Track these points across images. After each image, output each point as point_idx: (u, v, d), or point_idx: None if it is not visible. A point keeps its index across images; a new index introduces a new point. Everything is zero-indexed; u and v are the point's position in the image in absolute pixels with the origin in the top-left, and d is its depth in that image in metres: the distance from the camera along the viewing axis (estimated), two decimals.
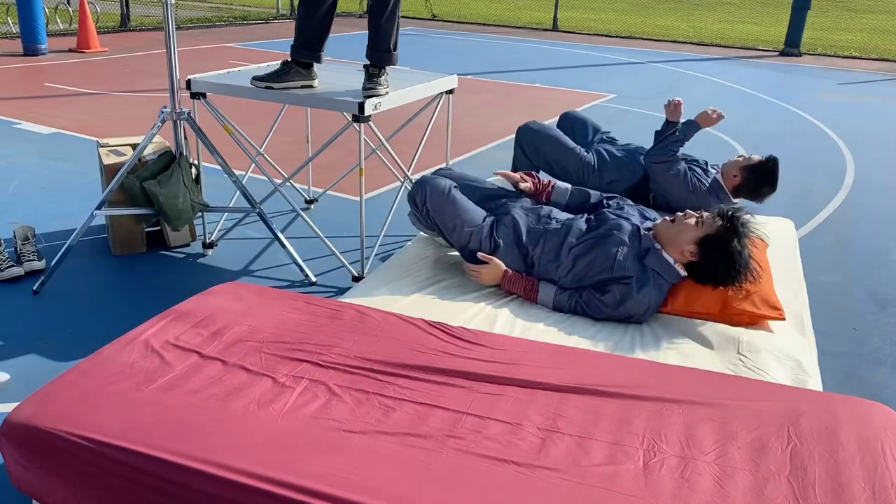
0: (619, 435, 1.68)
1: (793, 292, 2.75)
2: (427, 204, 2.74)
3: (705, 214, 2.49)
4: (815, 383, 2.13)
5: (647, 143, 3.59)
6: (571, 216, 2.74)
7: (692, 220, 2.48)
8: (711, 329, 2.37)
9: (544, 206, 2.79)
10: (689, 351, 2.27)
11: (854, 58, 11.96)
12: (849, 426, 1.72)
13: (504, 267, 2.63)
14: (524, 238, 2.66)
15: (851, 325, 3.28)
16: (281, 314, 2.19)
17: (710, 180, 3.33)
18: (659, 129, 3.49)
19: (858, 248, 4.16)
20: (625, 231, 2.57)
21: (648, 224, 2.64)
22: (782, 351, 2.25)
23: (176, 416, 1.68)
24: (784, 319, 2.41)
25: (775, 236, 3.22)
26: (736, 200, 3.32)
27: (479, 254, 2.65)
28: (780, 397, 1.85)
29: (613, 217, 2.65)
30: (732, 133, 6.59)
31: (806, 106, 7.99)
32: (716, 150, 6.06)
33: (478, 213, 2.74)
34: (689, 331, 2.38)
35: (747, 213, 2.45)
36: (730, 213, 2.43)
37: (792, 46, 11.95)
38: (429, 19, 15.66)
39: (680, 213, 2.54)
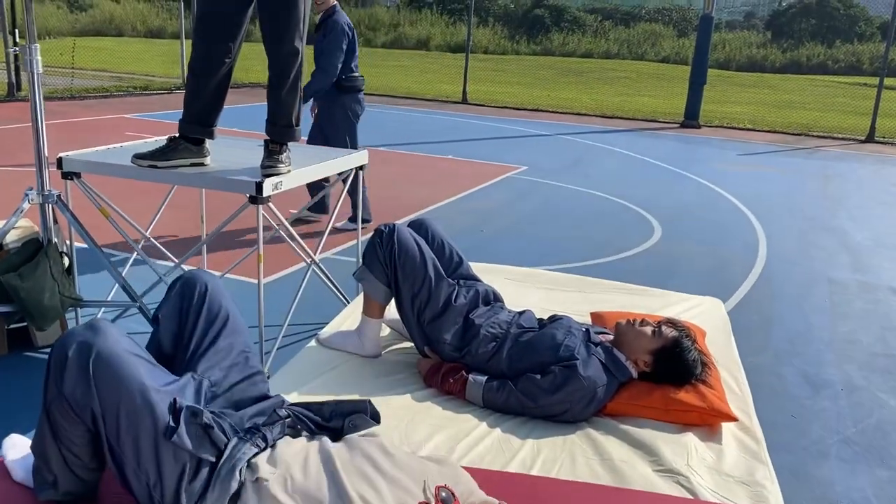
0: None
1: (734, 381, 2.55)
2: (395, 240, 2.43)
3: (662, 326, 2.31)
4: (775, 499, 1.89)
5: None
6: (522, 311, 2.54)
7: (648, 329, 2.29)
8: (656, 435, 2.11)
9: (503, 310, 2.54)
10: (636, 465, 1.99)
11: (748, 129, 12.52)
12: None
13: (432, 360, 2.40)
14: (475, 314, 2.43)
15: (789, 411, 3.11)
16: None
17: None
18: None
19: (782, 324, 4.07)
20: (574, 326, 2.39)
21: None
22: (737, 463, 2.02)
23: None
24: (737, 420, 2.19)
25: (707, 318, 3.04)
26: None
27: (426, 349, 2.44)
28: None
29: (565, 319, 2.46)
30: (645, 205, 6.58)
31: (711, 176, 8.16)
32: (630, 222, 6.01)
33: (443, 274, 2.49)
34: (632, 439, 2.11)
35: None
36: (681, 324, 2.33)
37: (691, 119, 12.43)
38: None
39: (638, 318, 2.36)
